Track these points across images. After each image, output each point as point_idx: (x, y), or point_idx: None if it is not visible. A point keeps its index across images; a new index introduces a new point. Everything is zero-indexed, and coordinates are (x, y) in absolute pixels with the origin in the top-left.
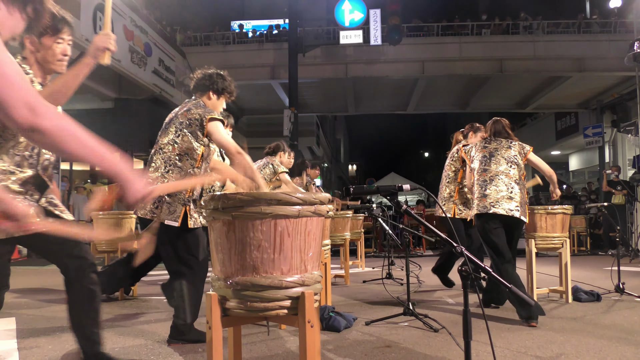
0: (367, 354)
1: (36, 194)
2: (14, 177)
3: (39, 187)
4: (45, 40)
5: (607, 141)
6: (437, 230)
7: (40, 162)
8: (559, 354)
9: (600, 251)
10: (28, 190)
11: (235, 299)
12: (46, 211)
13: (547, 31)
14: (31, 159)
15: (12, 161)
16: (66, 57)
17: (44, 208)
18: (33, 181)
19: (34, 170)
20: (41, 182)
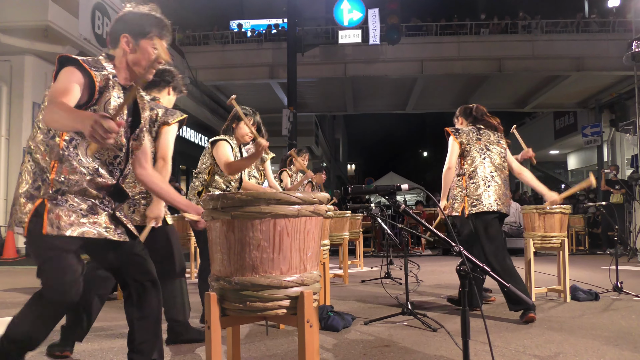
0: (366, 353)
1: (112, 203)
2: (88, 178)
3: (117, 197)
4: (144, 43)
5: (606, 140)
6: (435, 230)
7: (124, 172)
8: (557, 353)
9: (598, 250)
10: (103, 195)
11: (234, 299)
12: (116, 221)
13: (545, 30)
14: (112, 167)
15: (89, 163)
16: (160, 65)
17: (116, 217)
18: (110, 190)
19: (113, 179)
20: (119, 191)
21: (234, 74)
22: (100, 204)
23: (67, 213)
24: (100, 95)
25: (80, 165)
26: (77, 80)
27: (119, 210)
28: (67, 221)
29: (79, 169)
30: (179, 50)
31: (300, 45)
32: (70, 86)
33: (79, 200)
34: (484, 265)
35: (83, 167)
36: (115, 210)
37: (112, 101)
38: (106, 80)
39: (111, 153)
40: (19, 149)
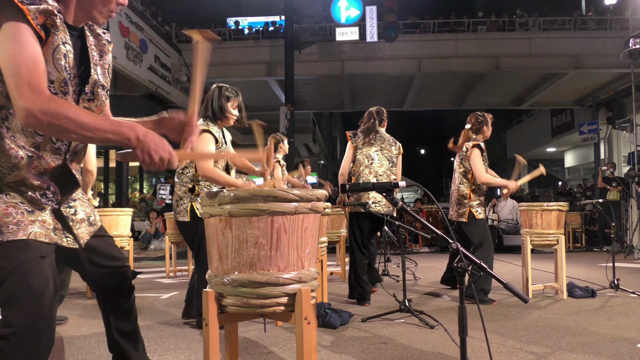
0: (364, 350)
1: (57, 193)
2: (26, 161)
3: (64, 184)
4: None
5: (603, 138)
6: (433, 227)
7: (71, 148)
8: (554, 349)
9: (595, 248)
10: (47, 184)
11: (232, 296)
12: (62, 221)
13: (543, 28)
14: (58, 143)
15: (28, 141)
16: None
17: (61, 215)
18: (56, 173)
19: (59, 158)
20: (67, 175)
21: (231, 71)
22: (42, 196)
23: (6, 210)
24: (45, 41)
25: (13, 144)
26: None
27: (66, 204)
28: (10, 221)
29: (13, 150)
30: (176, 47)
31: (298, 43)
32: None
33: (16, 194)
34: (481, 262)
35: (18, 148)
36: (61, 205)
37: (61, 48)
38: (48, 15)
39: None
40: None
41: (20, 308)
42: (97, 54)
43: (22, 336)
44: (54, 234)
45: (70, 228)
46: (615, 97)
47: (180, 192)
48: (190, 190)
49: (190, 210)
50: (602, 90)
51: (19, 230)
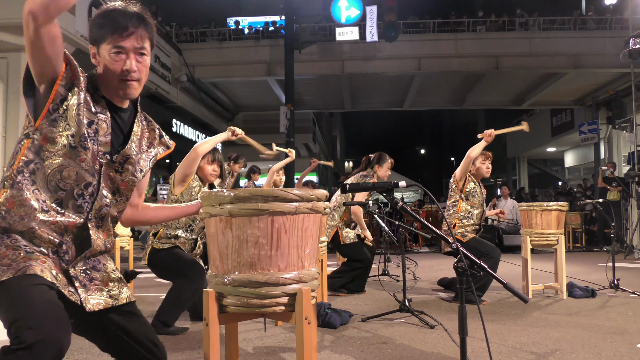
0: (364, 350)
1: (69, 254)
2: (44, 217)
3: (80, 246)
4: (103, 51)
5: (603, 138)
6: (433, 227)
7: (94, 208)
8: (554, 349)
9: (595, 247)
10: (59, 241)
11: (232, 296)
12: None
13: (543, 28)
14: (80, 200)
15: (52, 196)
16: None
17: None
18: (74, 233)
19: (80, 217)
20: (85, 237)
21: (231, 71)
22: (53, 253)
23: (5, 252)
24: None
25: (33, 197)
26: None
27: (81, 269)
28: (4, 262)
29: (30, 202)
30: (176, 47)
31: (298, 43)
32: None
33: (21, 238)
34: (481, 262)
35: (36, 201)
36: (69, 266)
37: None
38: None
39: (81, 180)
40: None
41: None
42: (147, 143)
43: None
44: (51, 277)
45: (76, 288)
46: (615, 96)
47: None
48: (154, 235)
49: (149, 254)
50: (602, 90)
51: (9, 269)
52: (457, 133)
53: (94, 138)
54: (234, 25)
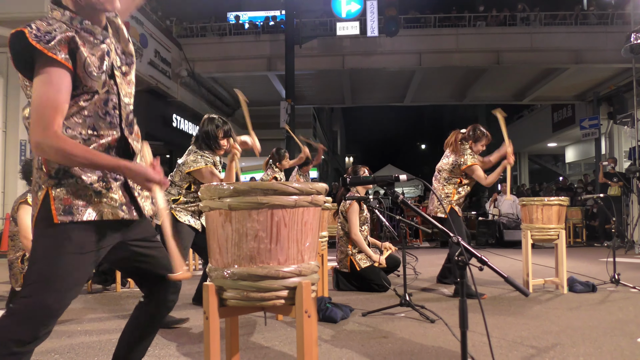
0: (364, 344)
1: None
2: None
3: (127, 156)
4: None
5: (604, 133)
6: (434, 221)
7: (124, 118)
8: (555, 344)
9: (596, 243)
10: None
11: (232, 289)
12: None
13: (544, 23)
14: (108, 117)
15: (84, 125)
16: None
17: (129, 188)
18: (118, 147)
19: (117, 131)
20: (127, 147)
21: (232, 66)
22: (111, 178)
23: (76, 193)
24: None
25: (70, 131)
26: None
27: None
28: (80, 204)
29: (71, 135)
30: (176, 42)
31: (298, 37)
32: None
33: (88, 174)
34: (482, 255)
35: (75, 133)
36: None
37: (89, 60)
38: (70, 41)
39: (99, 101)
40: (16, 141)
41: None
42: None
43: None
44: (120, 210)
45: (136, 200)
46: (616, 92)
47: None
48: (174, 200)
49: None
50: (603, 85)
51: (86, 210)
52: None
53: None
54: (234, 20)
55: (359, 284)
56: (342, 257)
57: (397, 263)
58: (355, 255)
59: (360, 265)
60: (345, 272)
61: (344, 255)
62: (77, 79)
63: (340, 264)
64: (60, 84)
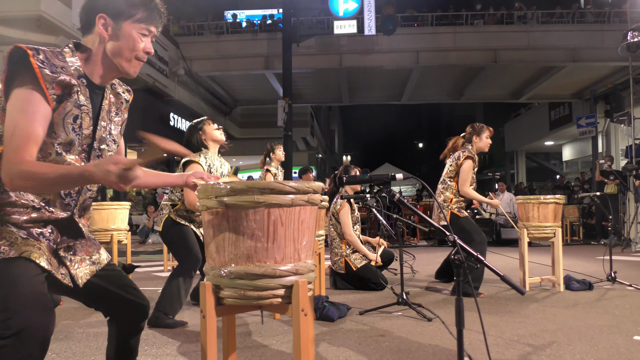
0: (361, 343)
1: (56, 235)
2: (34, 214)
3: (68, 232)
4: (128, 27)
5: (601, 131)
6: (430, 220)
7: (79, 203)
8: (551, 342)
9: (592, 241)
10: (47, 225)
11: (229, 288)
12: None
13: (541, 21)
14: (67, 198)
15: (38, 196)
16: (147, 56)
17: (58, 254)
18: (62, 223)
19: (68, 213)
20: (73, 227)
21: (229, 64)
22: (39, 235)
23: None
24: (58, 106)
25: (21, 198)
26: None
27: (64, 245)
28: (3, 243)
29: (20, 202)
30: (173, 40)
31: (296, 36)
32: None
33: (15, 230)
34: (478, 254)
35: (25, 201)
36: (59, 247)
37: (73, 113)
38: (66, 86)
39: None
40: None
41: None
42: (114, 111)
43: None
44: (46, 263)
45: (67, 267)
46: (613, 90)
47: (163, 204)
48: (172, 205)
49: (165, 221)
50: (600, 84)
51: (11, 250)
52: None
53: (78, 133)
54: (232, 19)
55: (355, 283)
56: (337, 258)
57: (391, 257)
58: (350, 255)
59: (355, 265)
60: (341, 272)
61: (338, 256)
62: (52, 127)
63: (335, 266)
64: (40, 116)
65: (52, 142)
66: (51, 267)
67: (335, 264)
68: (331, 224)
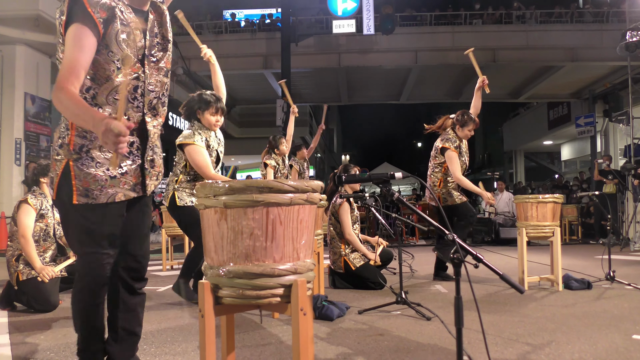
0: (360, 342)
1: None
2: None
3: (144, 138)
4: None
5: (599, 131)
6: (430, 219)
7: (146, 103)
8: (550, 341)
9: (591, 240)
10: (132, 140)
11: (228, 287)
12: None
13: (540, 21)
14: (135, 102)
15: (113, 107)
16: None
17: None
18: (138, 129)
19: (139, 115)
20: (145, 130)
21: (228, 64)
22: (129, 153)
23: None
24: (106, 31)
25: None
26: (87, 42)
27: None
28: (96, 187)
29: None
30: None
31: (295, 35)
32: (80, 59)
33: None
34: (477, 253)
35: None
36: (144, 158)
37: (120, 33)
38: (109, 9)
39: (129, 86)
40: (11, 139)
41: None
42: (157, 25)
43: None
44: (130, 190)
45: (145, 182)
46: (611, 89)
47: (168, 180)
48: (176, 181)
49: (170, 200)
50: (599, 83)
51: (101, 195)
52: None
53: (133, 47)
54: (230, 18)
55: (354, 282)
56: (336, 258)
57: (390, 257)
58: (349, 255)
59: (354, 264)
60: (340, 272)
61: (337, 256)
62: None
63: (334, 265)
64: (87, 49)
65: (113, 60)
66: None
67: (334, 263)
68: (330, 223)
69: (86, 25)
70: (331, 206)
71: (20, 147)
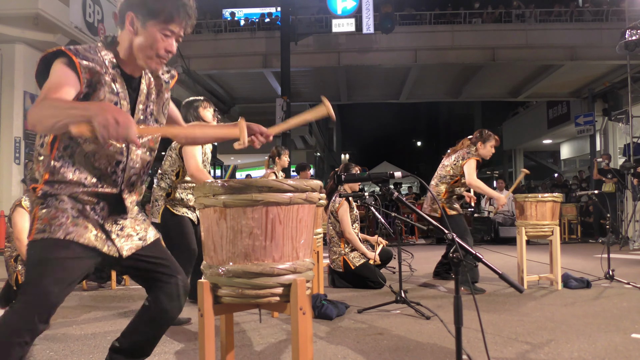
0: (360, 341)
1: (105, 211)
2: (86, 189)
3: (114, 208)
4: (152, 27)
5: (598, 130)
6: (429, 218)
7: (125, 179)
8: (549, 340)
9: (590, 239)
10: (97, 200)
11: (227, 287)
12: (105, 233)
13: (539, 19)
14: (114, 176)
15: (89, 173)
16: (169, 55)
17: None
18: (109, 198)
19: (115, 188)
20: (119, 203)
21: (227, 63)
22: (91, 210)
23: (55, 214)
24: (90, 90)
25: (75, 176)
26: (70, 81)
27: (112, 222)
28: (55, 222)
29: (74, 180)
30: None
31: (294, 34)
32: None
33: (69, 200)
34: (476, 252)
35: (78, 179)
36: (105, 222)
37: (110, 98)
38: (95, 73)
39: (112, 159)
40: (10, 138)
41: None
42: (155, 93)
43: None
44: (94, 238)
45: (112, 240)
46: (611, 88)
47: (157, 195)
48: (167, 195)
49: (162, 212)
50: (598, 82)
51: (59, 230)
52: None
53: None
54: (230, 17)
55: (354, 281)
56: (335, 257)
57: (390, 256)
58: (349, 254)
59: (354, 263)
60: (339, 271)
61: (337, 255)
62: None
63: (333, 264)
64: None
65: None
66: (97, 241)
67: (333, 263)
68: (330, 222)
69: (71, 70)
70: (330, 205)
71: (20, 146)
